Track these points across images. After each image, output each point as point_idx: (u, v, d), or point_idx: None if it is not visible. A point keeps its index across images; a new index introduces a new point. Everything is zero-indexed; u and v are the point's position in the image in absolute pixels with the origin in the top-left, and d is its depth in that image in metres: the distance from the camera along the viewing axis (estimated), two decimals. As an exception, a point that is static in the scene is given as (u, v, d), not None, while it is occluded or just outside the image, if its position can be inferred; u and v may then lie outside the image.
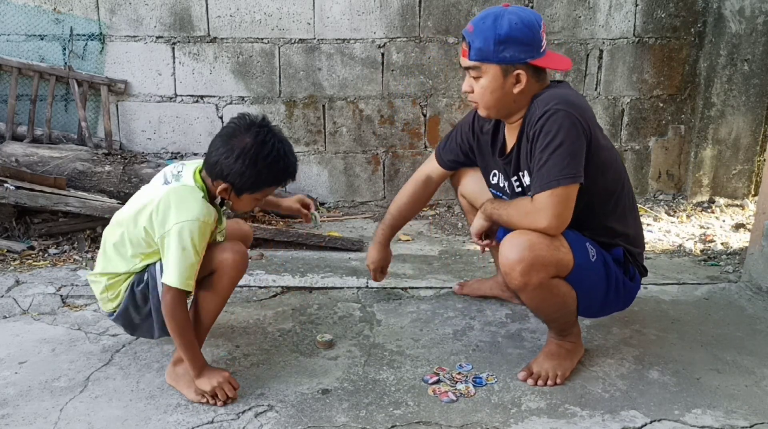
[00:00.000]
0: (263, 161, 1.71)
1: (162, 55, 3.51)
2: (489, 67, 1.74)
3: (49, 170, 3.07)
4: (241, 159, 1.70)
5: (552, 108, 1.70)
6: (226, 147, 1.72)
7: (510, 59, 1.72)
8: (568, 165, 1.67)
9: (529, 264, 1.69)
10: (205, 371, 1.77)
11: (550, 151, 1.68)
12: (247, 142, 1.71)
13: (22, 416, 1.71)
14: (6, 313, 2.32)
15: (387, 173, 3.77)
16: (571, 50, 3.66)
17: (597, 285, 1.83)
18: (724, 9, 3.57)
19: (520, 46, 1.71)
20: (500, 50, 1.71)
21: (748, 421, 1.72)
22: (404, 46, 3.57)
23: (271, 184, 1.78)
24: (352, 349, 2.09)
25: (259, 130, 1.73)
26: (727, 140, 3.75)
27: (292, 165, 1.78)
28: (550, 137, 1.68)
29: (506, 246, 1.73)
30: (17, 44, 3.42)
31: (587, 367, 1.98)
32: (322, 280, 2.65)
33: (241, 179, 1.73)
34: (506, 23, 1.70)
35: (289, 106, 3.63)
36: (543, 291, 1.75)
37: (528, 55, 1.73)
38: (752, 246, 2.61)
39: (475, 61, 1.75)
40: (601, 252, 1.82)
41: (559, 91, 1.76)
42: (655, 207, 3.74)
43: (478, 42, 1.73)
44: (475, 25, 1.75)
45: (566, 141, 1.67)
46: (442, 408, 1.77)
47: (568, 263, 1.74)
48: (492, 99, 1.79)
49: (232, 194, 1.78)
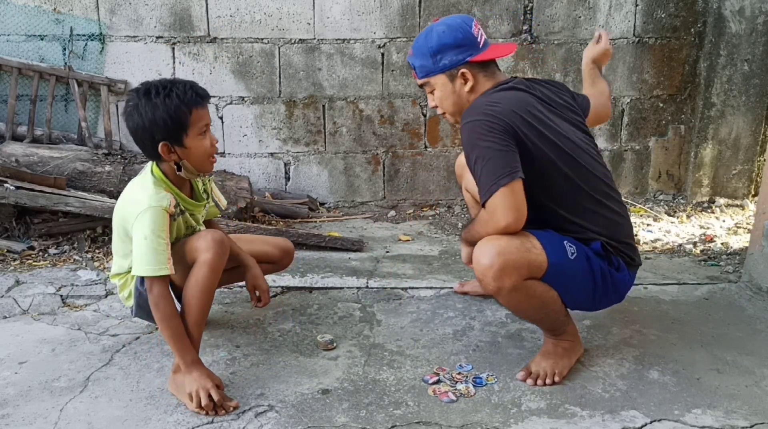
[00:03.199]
0: (158, 99, 1.74)
1: (162, 55, 3.51)
2: (436, 78, 1.86)
3: (49, 170, 3.07)
4: (144, 115, 1.74)
5: (466, 121, 1.77)
6: (132, 119, 1.77)
7: (450, 64, 1.83)
8: (500, 167, 1.69)
9: (499, 268, 1.70)
10: (194, 369, 1.75)
11: (480, 164, 1.71)
12: (139, 102, 1.76)
13: (22, 416, 1.71)
14: (6, 313, 2.32)
15: (387, 173, 3.77)
16: (571, 50, 3.66)
17: (581, 280, 1.82)
18: (724, 9, 3.57)
19: (455, 50, 1.82)
20: (438, 60, 1.83)
21: (748, 421, 1.71)
22: (404, 46, 3.57)
23: (188, 110, 1.77)
24: (352, 349, 2.09)
25: (140, 86, 1.79)
26: (727, 140, 3.75)
27: (186, 84, 1.79)
28: (473, 152, 1.73)
29: (477, 253, 1.75)
30: (17, 44, 3.42)
31: (587, 367, 1.98)
32: (322, 280, 2.65)
33: (159, 129, 1.75)
34: (434, 35, 1.83)
35: (289, 106, 3.63)
36: (518, 293, 1.76)
37: (466, 55, 1.82)
38: (752, 246, 2.61)
39: (423, 78, 1.89)
40: (582, 248, 1.82)
41: (487, 98, 1.80)
42: (655, 207, 3.74)
43: (418, 61, 1.87)
44: (413, 48, 1.90)
45: (489, 148, 1.70)
46: (442, 408, 1.77)
47: (542, 264, 1.75)
48: (450, 104, 1.89)
49: (177, 150, 1.79)
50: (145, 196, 1.78)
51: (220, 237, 1.83)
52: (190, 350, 1.77)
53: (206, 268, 1.79)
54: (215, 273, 1.82)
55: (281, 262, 2.23)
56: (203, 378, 1.74)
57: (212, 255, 1.79)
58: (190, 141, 1.79)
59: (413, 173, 3.77)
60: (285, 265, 2.26)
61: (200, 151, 1.82)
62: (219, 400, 1.72)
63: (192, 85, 1.80)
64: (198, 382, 1.72)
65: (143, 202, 1.76)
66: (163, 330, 1.75)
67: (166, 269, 1.73)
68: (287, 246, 2.24)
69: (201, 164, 1.85)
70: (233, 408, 1.74)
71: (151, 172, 1.84)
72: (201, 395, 1.70)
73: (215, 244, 1.81)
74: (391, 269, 2.79)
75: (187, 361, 1.75)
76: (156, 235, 1.73)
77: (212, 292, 1.84)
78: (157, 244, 1.72)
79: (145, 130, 1.76)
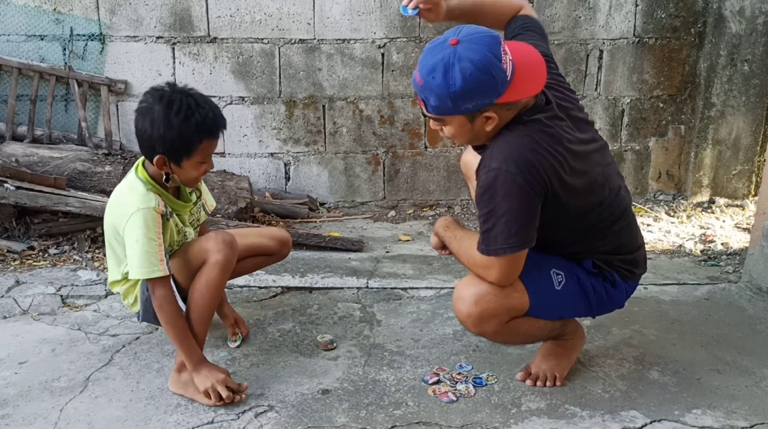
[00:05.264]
0: (176, 119, 1.69)
1: (162, 55, 3.51)
2: (452, 118, 1.60)
3: (49, 170, 3.07)
4: (156, 126, 1.70)
5: (495, 168, 1.56)
6: (142, 122, 1.73)
7: (473, 109, 1.56)
8: (515, 234, 1.58)
9: (477, 318, 1.69)
10: (202, 367, 1.77)
11: (496, 217, 1.58)
12: (156, 109, 1.71)
13: (22, 416, 1.71)
14: (6, 313, 2.32)
15: (387, 173, 3.77)
16: (571, 50, 3.66)
17: (573, 303, 1.79)
18: (724, 9, 3.57)
19: (481, 95, 1.53)
20: (459, 105, 1.54)
21: (748, 422, 1.72)
22: (404, 46, 3.57)
23: (198, 139, 1.74)
24: (352, 349, 2.09)
25: (164, 93, 1.73)
26: (727, 140, 3.75)
27: (209, 113, 1.74)
28: (494, 202, 1.57)
29: (457, 296, 1.73)
30: (17, 44, 3.42)
31: (587, 367, 1.98)
32: (322, 280, 2.65)
33: (165, 145, 1.72)
34: (459, 76, 1.49)
35: (289, 106, 3.63)
36: (502, 334, 1.77)
37: (493, 97, 1.54)
38: (752, 246, 2.61)
39: (435, 115, 1.62)
40: (572, 269, 1.76)
41: (515, 140, 1.59)
42: (655, 207, 3.74)
43: (432, 100, 1.56)
44: (424, 80, 1.54)
45: (514, 211, 1.57)
46: (442, 408, 1.77)
47: (523, 306, 1.72)
48: (464, 140, 1.69)
49: (171, 166, 1.77)
50: (134, 198, 1.76)
51: (230, 238, 1.84)
52: (197, 350, 1.79)
53: (217, 270, 1.80)
54: (225, 274, 1.84)
55: (280, 252, 2.20)
56: (214, 373, 1.76)
57: (223, 256, 1.80)
58: (187, 165, 1.77)
59: (413, 173, 3.77)
60: (284, 255, 2.22)
61: (192, 175, 1.81)
62: (235, 387, 1.77)
63: (214, 113, 1.76)
64: (210, 379, 1.74)
65: (132, 205, 1.75)
66: (169, 331, 1.75)
67: (160, 270, 1.72)
68: (284, 236, 2.21)
69: (188, 182, 1.87)
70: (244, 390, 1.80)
71: (136, 174, 1.82)
72: (219, 389, 1.74)
73: (225, 246, 1.81)
74: (391, 269, 2.79)
75: (194, 360, 1.76)
76: (147, 237, 1.72)
77: (220, 292, 1.87)
78: (148, 246, 1.72)
79: (150, 139, 1.73)
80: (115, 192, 1.86)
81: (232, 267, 1.86)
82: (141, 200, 1.75)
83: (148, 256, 1.71)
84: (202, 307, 1.81)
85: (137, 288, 1.89)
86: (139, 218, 1.73)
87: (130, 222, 1.73)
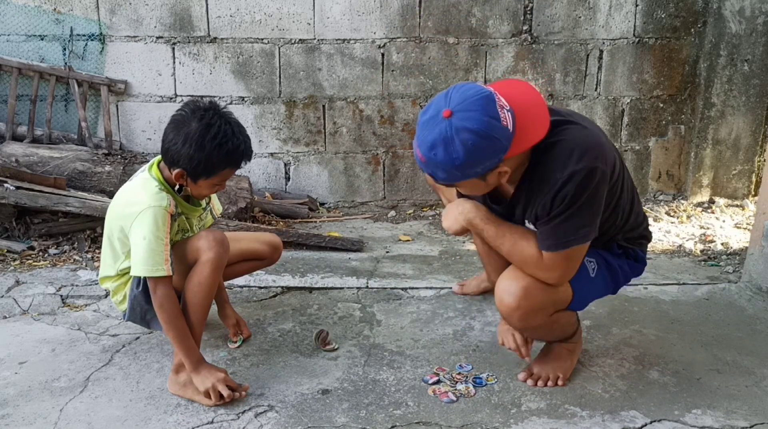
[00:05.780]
0: (210, 143, 1.71)
1: (162, 55, 3.51)
2: (463, 183, 1.58)
3: (49, 170, 3.07)
4: (188, 143, 1.71)
5: (581, 168, 1.53)
6: (175, 133, 1.74)
7: (483, 171, 1.52)
8: (586, 224, 1.59)
9: (525, 312, 1.69)
10: (201, 367, 1.77)
11: (573, 210, 1.56)
12: (193, 126, 1.71)
13: (22, 416, 1.71)
14: (6, 313, 2.32)
15: (387, 173, 3.77)
16: (571, 50, 3.66)
17: (602, 289, 1.84)
18: (724, 9, 3.57)
19: (488, 158, 1.49)
20: (467, 172, 1.51)
21: (748, 422, 1.71)
22: (404, 46, 3.57)
23: (223, 166, 1.77)
24: (352, 349, 2.09)
25: (205, 113, 1.73)
26: (727, 140, 3.75)
27: (241, 146, 1.77)
28: (577, 199, 1.55)
29: (502, 290, 1.70)
30: (17, 44, 3.42)
31: (587, 367, 1.98)
32: (322, 280, 2.65)
33: (191, 163, 1.73)
34: (460, 148, 1.45)
35: (289, 106, 3.63)
36: (543, 328, 1.78)
37: (501, 155, 1.49)
38: (752, 246, 2.61)
39: (446, 184, 1.62)
40: (600, 255, 1.80)
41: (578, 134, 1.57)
42: (655, 207, 3.74)
43: (440, 174, 1.53)
44: (426, 157, 1.50)
45: (590, 200, 1.56)
46: (442, 408, 1.77)
47: (567, 298, 1.74)
48: (481, 193, 1.67)
49: (188, 180, 1.79)
50: (146, 196, 1.77)
51: (221, 237, 1.84)
52: (195, 350, 1.79)
53: (209, 268, 1.80)
54: (217, 272, 1.83)
55: (271, 257, 2.22)
56: (213, 373, 1.76)
57: (214, 254, 1.80)
58: (203, 184, 1.80)
59: (413, 173, 3.77)
60: (274, 260, 2.25)
61: (204, 192, 1.86)
62: (235, 386, 1.78)
63: (246, 145, 1.78)
64: (210, 379, 1.75)
65: (143, 202, 1.75)
66: (169, 330, 1.75)
67: (163, 270, 1.72)
68: (275, 241, 2.23)
69: (198, 196, 1.90)
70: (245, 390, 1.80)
71: (150, 173, 1.84)
72: (219, 389, 1.74)
73: (217, 244, 1.81)
74: (391, 269, 2.79)
75: (193, 360, 1.76)
76: (155, 235, 1.72)
77: (214, 291, 1.86)
78: (155, 244, 1.72)
79: (177, 152, 1.73)
80: (125, 187, 1.87)
81: (224, 265, 1.86)
82: (153, 198, 1.76)
83: (154, 255, 1.72)
84: (197, 305, 1.81)
85: (127, 286, 1.89)
86: (149, 216, 1.73)
87: (139, 218, 1.73)
